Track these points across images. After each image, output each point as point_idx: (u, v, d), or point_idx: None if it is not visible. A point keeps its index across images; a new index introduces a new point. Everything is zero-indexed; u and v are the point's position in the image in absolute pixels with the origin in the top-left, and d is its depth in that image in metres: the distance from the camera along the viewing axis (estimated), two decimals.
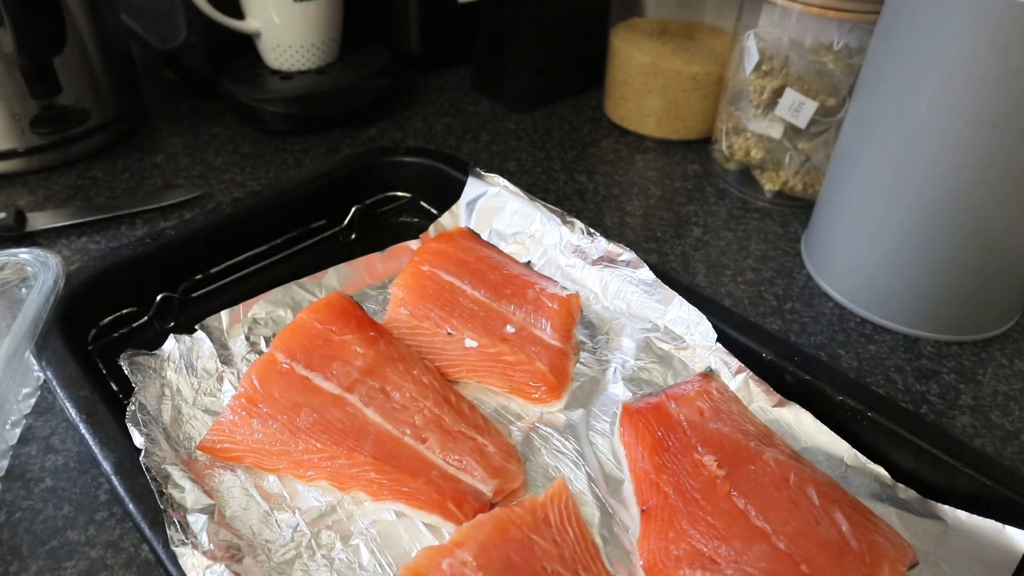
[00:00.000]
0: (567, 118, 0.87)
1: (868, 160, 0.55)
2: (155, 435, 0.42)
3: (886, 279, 0.56)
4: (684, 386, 0.46)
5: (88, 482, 0.45)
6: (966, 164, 0.49)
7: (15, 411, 0.47)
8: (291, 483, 0.42)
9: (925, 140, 0.50)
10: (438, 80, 0.94)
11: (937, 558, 0.39)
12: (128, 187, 0.72)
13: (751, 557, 0.37)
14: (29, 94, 0.69)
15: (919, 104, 0.50)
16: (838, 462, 0.43)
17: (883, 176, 0.54)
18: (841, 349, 0.56)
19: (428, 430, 0.43)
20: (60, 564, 0.41)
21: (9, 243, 0.64)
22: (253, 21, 0.79)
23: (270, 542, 0.39)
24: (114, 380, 0.48)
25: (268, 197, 0.59)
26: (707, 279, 0.63)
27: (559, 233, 0.57)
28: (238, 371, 0.49)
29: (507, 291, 0.52)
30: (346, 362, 0.45)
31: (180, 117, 0.84)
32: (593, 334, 0.53)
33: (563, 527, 0.39)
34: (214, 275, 0.57)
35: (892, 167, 0.53)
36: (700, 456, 0.41)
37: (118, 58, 0.77)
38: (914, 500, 0.41)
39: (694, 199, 0.73)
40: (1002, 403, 0.52)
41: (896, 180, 0.53)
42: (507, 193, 0.60)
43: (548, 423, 0.47)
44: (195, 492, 0.39)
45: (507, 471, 0.42)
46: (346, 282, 0.57)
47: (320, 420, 0.43)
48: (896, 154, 0.52)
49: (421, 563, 0.36)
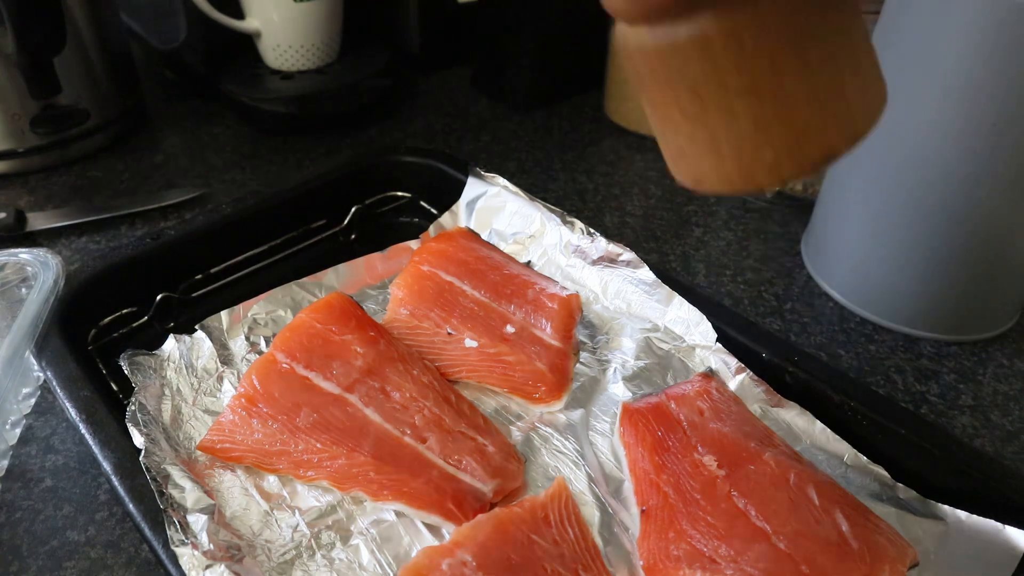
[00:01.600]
0: (567, 118, 0.87)
1: (868, 160, 0.55)
2: (155, 435, 0.42)
3: (886, 279, 0.56)
4: (684, 386, 0.46)
5: (88, 482, 0.45)
6: (966, 164, 0.49)
7: (15, 411, 0.47)
8: (291, 483, 0.42)
9: (925, 140, 0.50)
10: (438, 80, 0.94)
11: (937, 558, 0.39)
12: (128, 187, 0.72)
13: (751, 557, 0.37)
14: (29, 94, 0.69)
15: (919, 104, 0.50)
16: (838, 462, 0.43)
17: (883, 176, 0.54)
18: (841, 349, 0.56)
19: (428, 430, 0.43)
20: (60, 564, 0.41)
21: (9, 243, 0.64)
22: (253, 21, 0.79)
23: (270, 542, 0.39)
24: (114, 380, 0.48)
25: (268, 197, 0.59)
26: (707, 279, 0.63)
27: (559, 233, 0.57)
28: (238, 371, 0.49)
29: (507, 291, 0.52)
30: (346, 362, 0.45)
31: (180, 117, 0.84)
32: (593, 334, 0.53)
33: (563, 527, 0.39)
34: (214, 275, 0.57)
35: (892, 167, 0.53)
36: (700, 456, 0.41)
37: (118, 58, 0.77)
38: (914, 500, 0.41)
39: (694, 199, 0.73)
40: (1002, 403, 0.52)
41: (896, 180, 0.53)
42: (507, 193, 0.60)
43: (548, 423, 0.47)
44: (195, 492, 0.39)
45: (507, 471, 0.42)
46: (346, 282, 0.57)
47: (320, 420, 0.43)
48: (896, 154, 0.52)
49: (421, 563, 0.36)
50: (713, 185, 0.24)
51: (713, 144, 0.23)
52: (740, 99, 0.22)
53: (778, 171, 0.23)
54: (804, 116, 0.22)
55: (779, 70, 0.21)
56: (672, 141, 0.24)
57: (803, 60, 0.22)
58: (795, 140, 0.22)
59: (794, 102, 0.22)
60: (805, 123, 0.22)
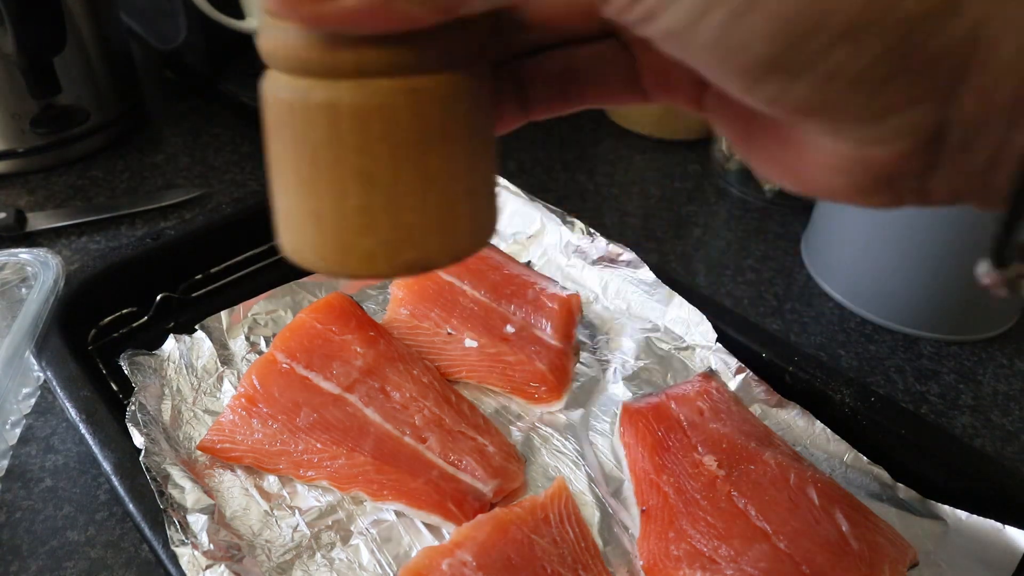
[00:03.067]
0: (567, 118, 0.86)
1: None
2: (155, 435, 0.42)
3: (886, 279, 0.56)
4: (684, 386, 0.46)
5: (88, 482, 0.45)
6: None
7: (15, 411, 0.47)
8: (291, 483, 0.42)
9: None
10: None
11: (937, 558, 0.39)
12: (128, 187, 0.72)
13: (751, 557, 0.37)
14: (29, 94, 0.69)
15: None
16: (838, 462, 0.43)
17: None
18: (841, 349, 0.56)
19: (428, 430, 0.43)
20: (60, 564, 0.41)
21: (9, 243, 0.64)
22: (253, 21, 0.79)
23: (270, 542, 0.39)
24: (114, 380, 0.48)
25: (268, 197, 0.59)
26: (707, 279, 0.63)
27: (559, 233, 0.57)
28: (238, 371, 0.49)
29: (507, 291, 0.52)
30: (346, 362, 0.45)
31: (180, 117, 0.84)
32: (593, 334, 0.53)
33: (563, 527, 0.39)
34: (214, 275, 0.57)
35: None
36: (700, 456, 0.41)
37: (118, 58, 0.77)
38: (914, 500, 0.41)
39: (694, 199, 0.73)
40: (1002, 403, 0.52)
41: None
42: (507, 193, 0.60)
43: (548, 423, 0.47)
44: (195, 492, 0.39)
45: (507, 471, 0.42)
46: (346, 282, 0.57)
47: (320, 420, 0.43)
48: None
49: (421, 563, 0.36)
50: (307, 259, 0.23)
51: (318, 217, 0.22)
52: (353, 181, 0.21)
53: (372, 263, 0.22)
54: (409, 219, 0.22)
55: (398, 166, 0.21)
56: (282, 203, 0.24)
57: (424, 165, 0.21)
58: (396, 239, 0.22)
59: (404, 202, 0.22)
60: (410, 226, 0.22)
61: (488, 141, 0.24)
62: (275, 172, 0.23)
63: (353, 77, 0.21)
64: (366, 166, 0.21)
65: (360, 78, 0.21)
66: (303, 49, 0.21)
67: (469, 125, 0.22)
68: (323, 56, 0.20)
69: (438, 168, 0.22)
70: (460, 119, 0.22)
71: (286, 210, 0.24)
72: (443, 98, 0.21)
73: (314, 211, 0.22)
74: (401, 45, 0.20)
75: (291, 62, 0.21)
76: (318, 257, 0.23)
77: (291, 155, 0.22)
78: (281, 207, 0.24)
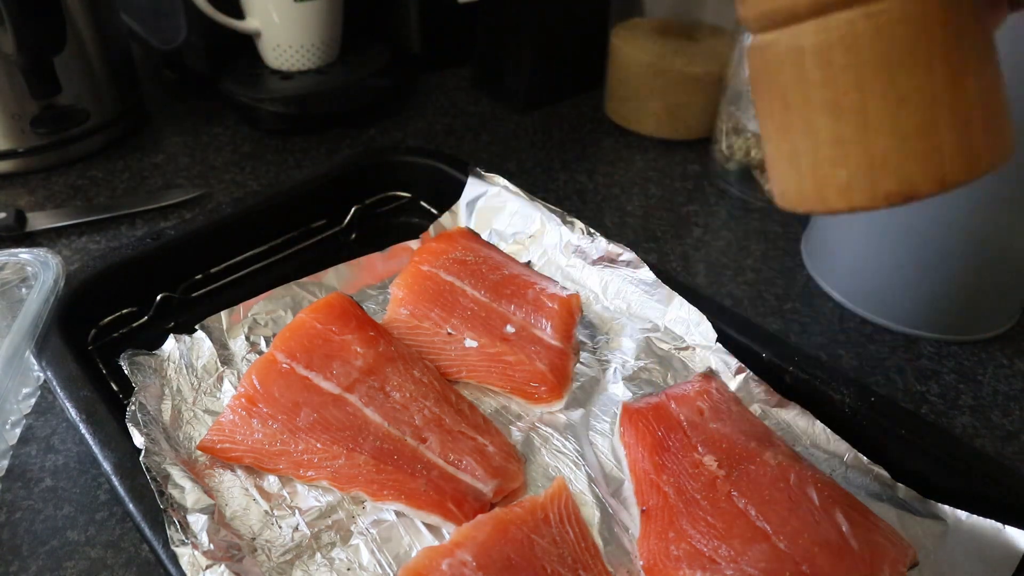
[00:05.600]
0: (567, 118, 0.87)
1: None
2: (155, 435, 0.42)
3: (886, 279, 0.56)
4: (684, 386, 0.46)
5: (88, 482, 0.45)
6: None
7: (15, 411, 0.47)
8: (291, 483, 0.42)
9: None
10: (438, 80, 0.94)
11: (937, 558, 0.39)
12: (128, 187, 0.72)
13: (751, 557, 0.37)
14: (29, 94, 0.69)
15: None
16: (838, 462, 0.43)
17: None
18: (841, 349, 0.56)
19: (428, 430, 0.43)
20: (60, 564, 0.41)
21: (9, 243, 0.64)
22: (253, 21, 0.79)
23: (270, 542, 0.39)
24: (114, 380, 0.48)
25: (268, 197, 0.59)
26: (707, 279, 0.63)
27: (559, 233, 0.57)
28: (238, 371, 0.49)
29: (507, 291, 0.52)
30: (346, 362, 0.45)
31: (180, 117, 0.84)
32: (593, 334, 0.53)
33: (563, 527, 0.39)
34: (214, 275, 0.57)
35: None
36: (700, 456, 0.41)
37: (118, 58, 0.77)
38: (914, 500, 0.41)
39: (694, 199, 0.73)
40: (1002, 403, 0.52)
41: None
42: (507, 193, 0.60)
43: (548, 423, 0.47)
44: (195, 492, 0.39)
45: (507, 471, 0.42)
46: (346, 282, 0.57)
47: (320, 420, 0.43)
48: None
49: (421, 563, 0.36)
50: (791, 201, 0.24)
51: (794, 157, 0.23)
52: (822, 114, 0.22)
53: (849, 195, 0.23)
54: (883, 145, 0.22)
55: (864, 92, 0.22)
56: (769, 152, 0.25)
57: (892, 89, 0.22)
58: (870, 167, 0.22)
59: (875, 127, 0.22)
60: (884, 152, 0.22)
61: (975, 52, 0.23)
62: (761, 126, 0.25)
63: (812, 17, 0.22)
64: (830, 98, 0.22)
65: (818, 16, 0.22)
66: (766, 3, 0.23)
67: (941, 40, 0.22)
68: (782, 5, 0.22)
69: (909, 89, 0.22)
70: (925, 36, 0.22)
71: (771, 158, 0.25)
72: (902, 18, 0.21)
73: (791, 152, 0.23)
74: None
75: (759, 21, 0.23)
76: (800, 196, 0.24)
77: (767, 104, 0.24)
78: (768, 157, 0.25)
